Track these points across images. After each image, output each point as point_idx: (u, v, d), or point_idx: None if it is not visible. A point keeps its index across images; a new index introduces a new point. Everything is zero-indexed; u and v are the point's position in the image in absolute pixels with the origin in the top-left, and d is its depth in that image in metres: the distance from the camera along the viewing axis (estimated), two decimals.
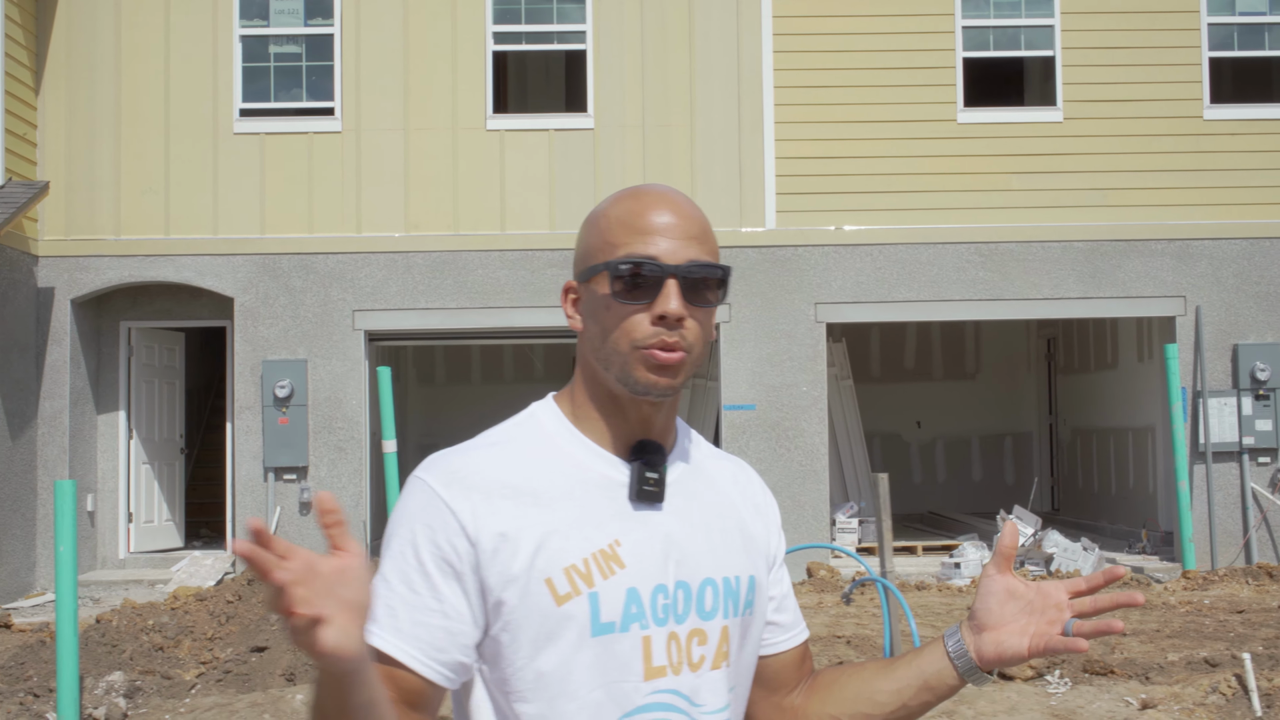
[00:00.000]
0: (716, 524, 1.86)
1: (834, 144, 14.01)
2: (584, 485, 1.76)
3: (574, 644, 1.70)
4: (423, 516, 1.70)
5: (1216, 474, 13.98)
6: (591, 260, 1.79)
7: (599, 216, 1.81)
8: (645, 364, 1.74)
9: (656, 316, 1.73)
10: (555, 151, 14.02)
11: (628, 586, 1.73)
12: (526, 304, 13.90)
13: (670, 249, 1.75)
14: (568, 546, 1.71)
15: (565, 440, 1.79)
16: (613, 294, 1.74)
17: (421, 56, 14.02)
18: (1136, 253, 14.08)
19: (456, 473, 1.72)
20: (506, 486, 1.72)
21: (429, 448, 18.50)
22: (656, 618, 1.75)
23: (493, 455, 1.75)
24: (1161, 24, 14.16)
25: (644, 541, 1.76)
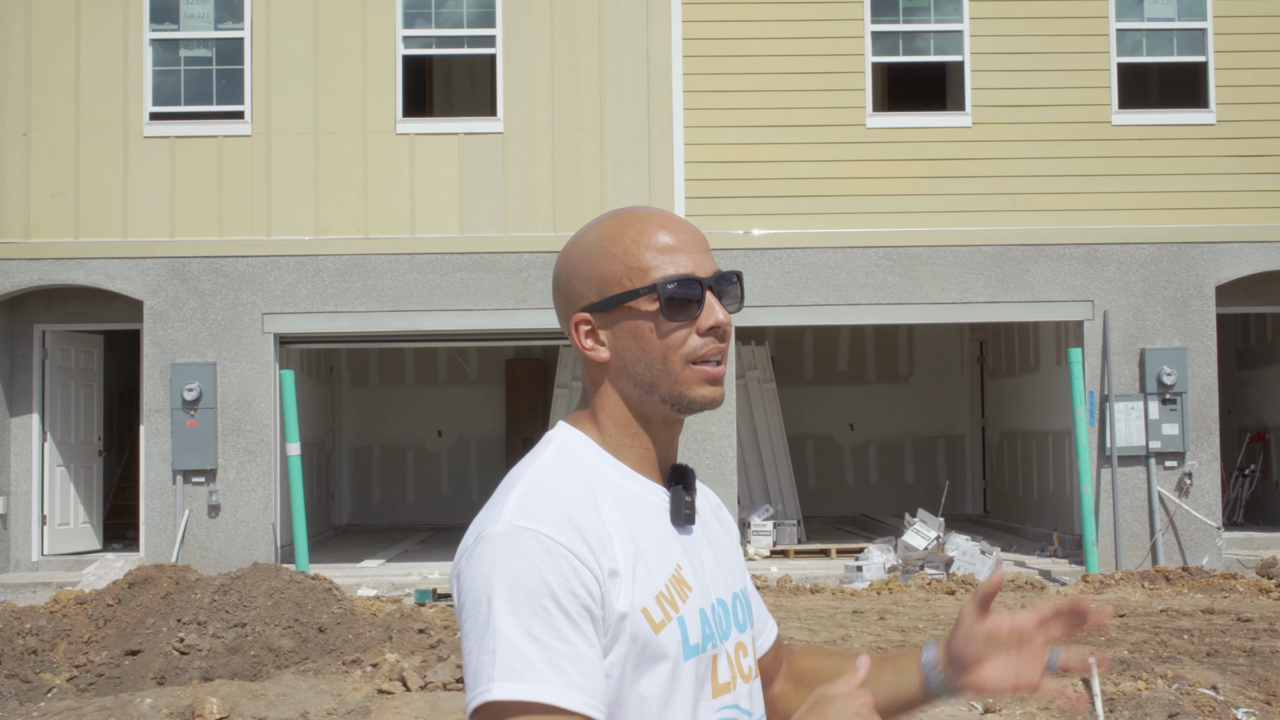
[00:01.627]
0: (721, 541, 1.94)
1: (744, 148, 14.06)
2: (641, 513, 1.79)
3: (671, 668, 1.73)
4: (551, 566, 1.67)
5: (1123, 478, 14.04)
6: (619, 287, 1.80)
7: (605, 243, 1.82)
8: (700, 380, 1.78)
9: (707, 328, 1.78)
10: (465, 155, 14.07)
11: (699, 607, 1.78)
12: (436, 307, 13.95)
13: (698, 262, 1.80)
14: (653, 574, 1.74)
15: (607, 470, 1.81)
16: (664, 314, 1.77)
17: (332, 60, 14.07)
18: (1045, 257, 14.14)
19: (563, 515, 1.71)
20: (593, 522, 1.73)
21: (363, 450, 18.59)
22: (721, 634, 1.82)
23: (570, 494, 1.75)
24: (1070, 30, 14.22)
25: (694, 562, 1.82)
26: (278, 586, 10.28)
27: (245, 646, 9.68)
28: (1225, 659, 9.29)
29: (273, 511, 13.81)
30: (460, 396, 19.45)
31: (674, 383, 1.77)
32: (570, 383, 16.60)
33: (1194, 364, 14.09)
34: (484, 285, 13.96)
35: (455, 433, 19.45)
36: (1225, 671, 8.94)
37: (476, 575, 1.70)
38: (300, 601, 10.15)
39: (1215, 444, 14.17)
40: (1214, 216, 14.14)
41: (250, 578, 10.37)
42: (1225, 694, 8.49)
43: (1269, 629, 10.33)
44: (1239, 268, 14.19)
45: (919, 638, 10.12)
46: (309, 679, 8.93)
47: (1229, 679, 8.79)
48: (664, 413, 1.80)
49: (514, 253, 13.97)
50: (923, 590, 12.38)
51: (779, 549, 14.92)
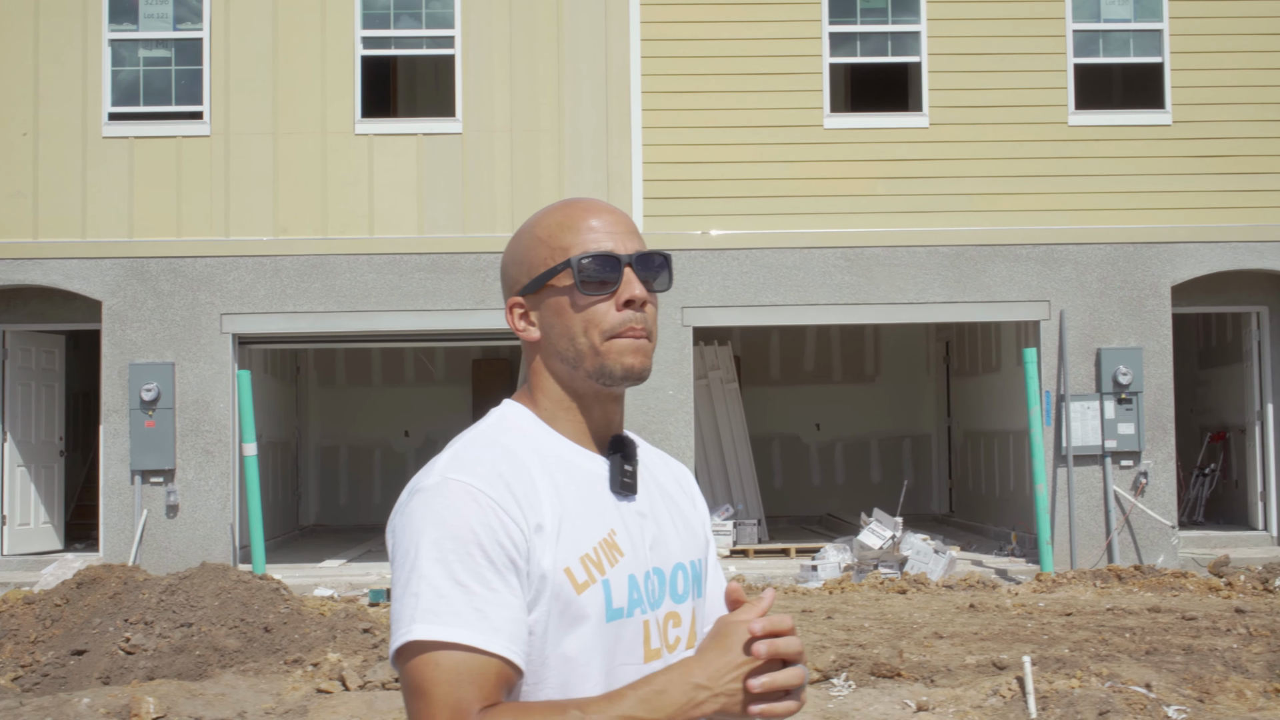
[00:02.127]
0: (673, 511, 1.98)
1: (702, 149, 14.10)
2: (575, 479, 1.85)
3: (593, 630, 1.79)
4: (478, 516, 1.73)
5: (1080, 477, 14.10)
6: (541, 268, 1.88)
7: (534, 229, 1.91)
8: (619, 351, 1.85)
9: (623, 302, 1.84)
10: (424, 155, 14.10)
11: (629, 573, 1.83)
12: (394, 308, 13.97)
13: (619, 242, 1.86)
14: (579, 537, 1.80)
15: (545, 438, 1.87)
16: (578, 287, 1.84)
17: (291, 61, 14.09)
18: (1001, 257, 14.20)
19: (493, 470, 1.77)
20: (524, 480, 1.78)
21: (330, 450, 18.60)
22: (652, 602, 1.87)
23: (502, 453, 1.81)
24: (1027, 30, 14.28)
25: (631, 530, 1.87)
26: (225, 586, 10.31)
27: (191, 646, 9.71)
28: (1163, 657, 9.35)
29: (231, 511, 13.83)
30: (427, 396, 19.48)
31: (595, 355, 1.84)
32: None
33: (1150, 364, 14.15)
34: (443, 285, 13.99)
35: (422, 433, 19.47)
36: (1161, 670, 9.00)
37: (407, 525, 1.76)
38: (247, 601, 10.17)
39: (1171, 443, 14.24)
40: (1170, 217, 14.21)
41: (198, 578, 10.40)
42: (1159, 692, 8.55)
43: (1211, 627, 10.40)
44: (1195, 268, 14.26)
45: (864, 637, 10.18)
46: (249, 678, 8.96)
47: (1164, 677, 8.85)
48: (593, 387, 1.87)
49: (473, 253, 14.01)
50: (874, 590, 12.43)
51: (739, 549, 14.97)
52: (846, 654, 9.41)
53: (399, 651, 1.72)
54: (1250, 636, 9.99)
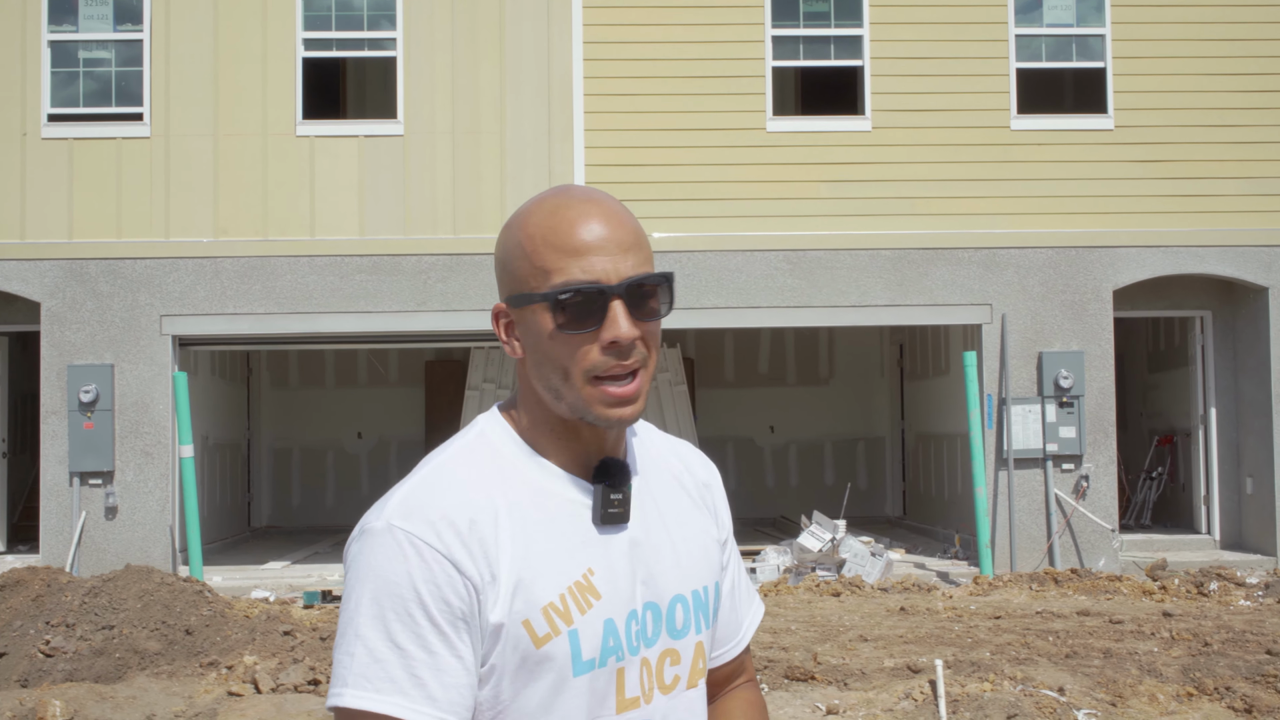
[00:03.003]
0: (679, 533, 1.79)
1: (644, 152, 14.10)
2: (550, 513, 1.67)
3: (555, 683, 1.64)
4: (423, 572, 1.58)
5: (1021, 480, 14.13)
6: (522, 287, 1.68)
7: (521, 235, 1.69)
8: (602, 400, 1.65)
9: (607, 343, 1.64)
10: (365, 157, 14.07)
11: (605, 618, 1.67)
12: (336, 309, 13.94)
13: (608, 267, 1.64)
14: (544, 584, 1.63)
15: (524, 464, 1.70)
16: (556, 327, 1.64)
17: (232, 63, 14.05)
18: (944, 261, 14.22)
19: (442, 517, 1.61)
20: (485, 523, 1.62)
21: (283, 451, 18.55)
22: (631, 646, 1.70)
23: (462, 492, 1.64)
24: (970, 35, 14.31)
25: (614, 566, 1.69)
26: (148, 589, 10.26)
27: (111, 649, 9.67)
28: (1082, 661, 9.37)
29: (170, 513, 13.78)
30: (380, 398, 19.44)
31: (574, 395, 1.66)
32: (482, 384, 16.61)
33: (1091, 367, 14.18)
34: (384, 287, 13.97)
35: (375, 434, 19.43)
36: (1077, 673, 9.02)
37: (351, 571, 1.64)
38: (169, 604, 10.13)
39: (1112, 447, 14.27)
40: (1112, 221, 14.25)
41: (121, 580, 10.35)
42: (1072, 695, 8.57)
43: (1136, 631, 10.42)
44: (1136, 272, 14.30)
45: (789, 639, 10.17)
46: (162, 681, 8.93)
47: (1079, 680, 8.87)
48: (572, 419, 1.70)
49: (414, 255, 13.98)
50: (809, 592, 12.44)
51: None
52: (767, 657, 9.41)
53: (333, 710, 1.61)
54: (1173, 640, 10.01)
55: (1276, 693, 8.63)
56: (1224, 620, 10.86)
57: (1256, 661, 9.27)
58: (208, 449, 16.21)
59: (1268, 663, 9.24)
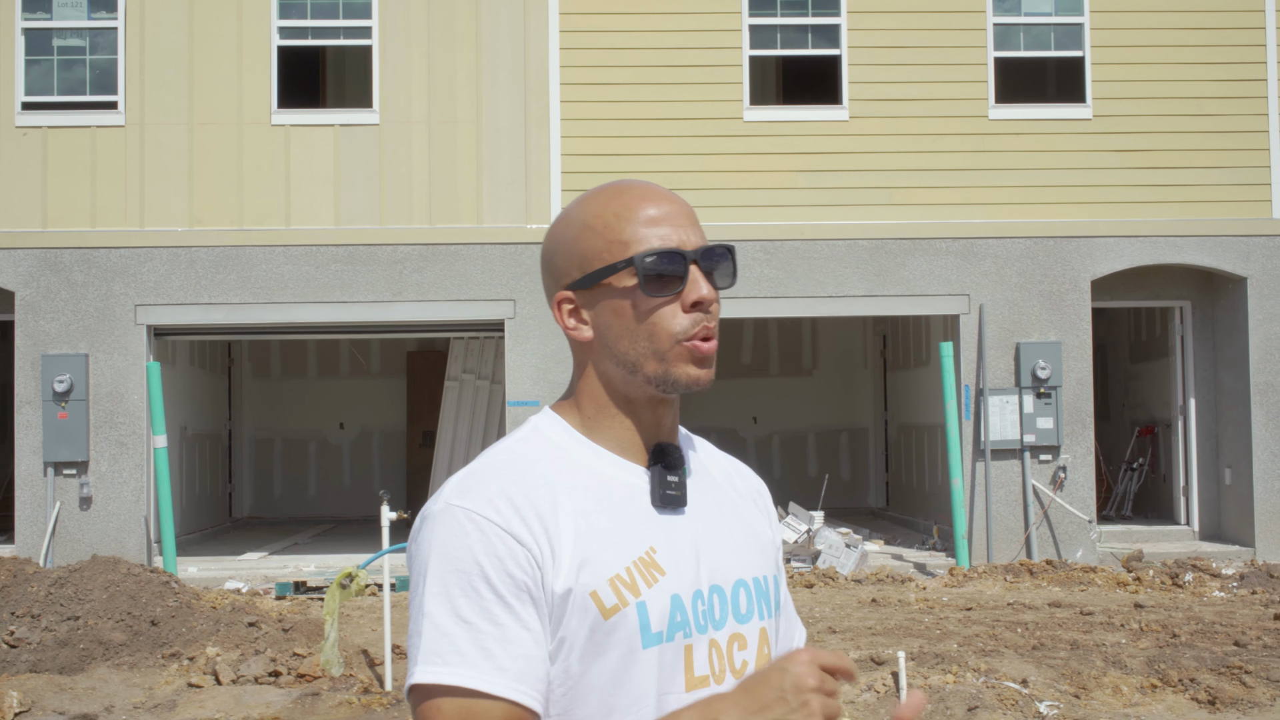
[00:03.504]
0: (735, 524, 1.83)
1: (620, 141, 14.04)
2: (608, 495, 1.71)
3: (624, 656, 1.66)
4: (485, 546, 1.62)
5: (998, 471, 14.10)
6: (599, 262, 1.73)
7: (591, 218, 1.75)
8: (689, 358, 1.71)
9: (691, 304, 1.71)
10: (341, 147, 14.02)
11: (671, 594, 1.69)
12: (310, 299, 13.89)
13: (684, 236, 1.73)
14: (609, 557, 1.67)
15: (578, 451, 1.75)
16: (643, 290, 1.70)
17: (207, 51, 13.98)
18: (921, 251, 14.17)
19: (501, 494, 1.66)
20: (543, 503, 1.66)
21: (264, 442, 18.51)
22: (699, 625, 1.72)
23: (518, 474, 1.69)
24: (947, 24, 14.24)
25: (676, 546, 1.72)
26: (114, 580, 10.23)
27: (76, 640, 9.63)
28: (1048, 652, 9.34)
29: (145, 504, 13.74)
30: (362, 389, 19.40)
31: (660, 361, 1.71)
32: (461, 375, 16.57)
33: (1069, 358, 14.14)
34: (359, 277, 13.92)
35: (357, 425, 19.39)
36: (1042, 665, 8.99)
37: (415, 555, 1.67)
38: (135, 595, 10.10)
39: (1090, 437, 14.24)
40: (1090, 211, 14.20)
41: (88, 571, 10.32)
42: (1036, 687, 8.54)
43: (1105, 622, 10.39)
44: (1114, 262, 14.26)
45: None
46: (123, 672, 8.90)
47: (1044, 672, 8.84)
48: (649, 393, 1.74)
49: (390, 245, 13.93)
50: None
51: None
52: None
53: (410, 692, 1.64)
54: (1141, 632, 9.98)
55: (1241, 685, 8.61)
56: (1195, 612, 10.84)
57: (1223, 653, 9.25)
58: (186, 439, 16.17)
59: (1234, 654, 9.22)
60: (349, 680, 8.59)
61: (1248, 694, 8.48)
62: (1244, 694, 8.47)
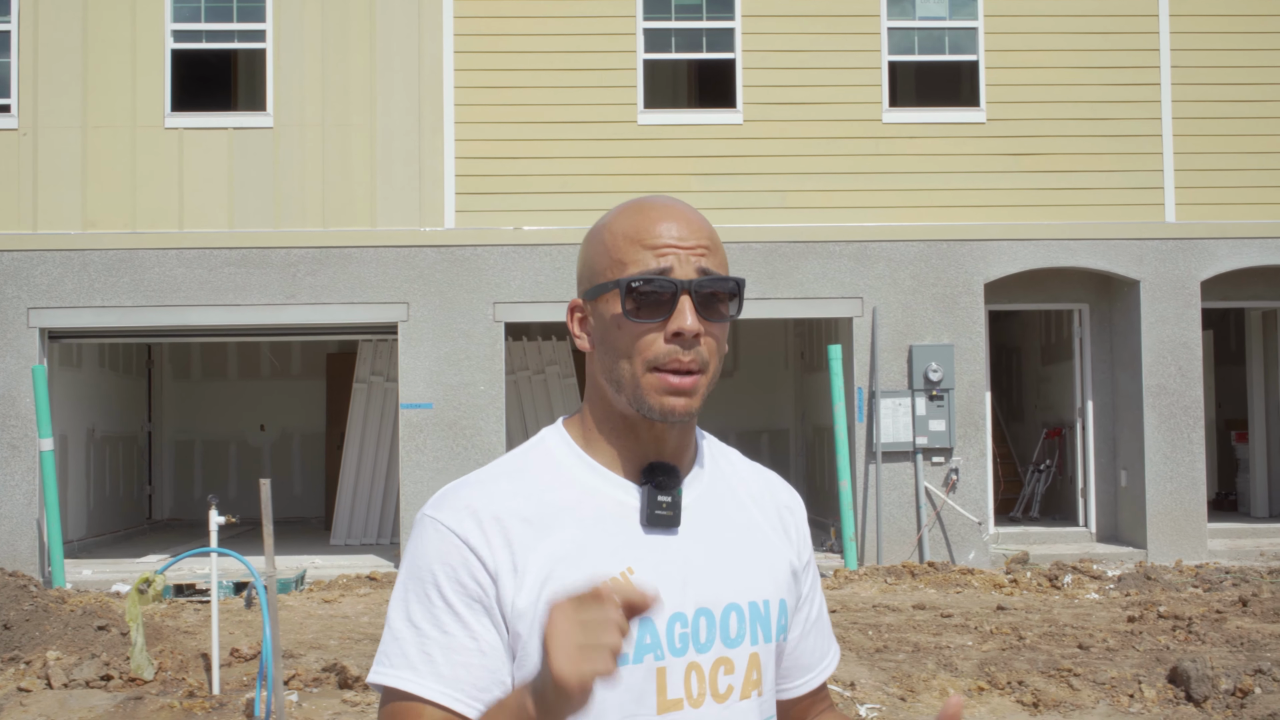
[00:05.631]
0: (741, 545, 1.80)
1: (515, 144, 14.08)
2: (594, 512, 1.71)
3: None
4: (440, 555, 1.66)
5: (891, 473, 14.15)
6: (599, 278, 1.75)
7: (603, 231, 1.78)
8: (660, 388, 1.70)
9: (671, 334, 1.70)
10: (235, 150, 14.04)
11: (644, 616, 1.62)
12: (204, 302, 13.92)
13: (683, 262, 1.72)
14: (577, 577, 1.66)
15: (575, 466, 1.75)
16: (624, 312, 1.71)
17: (100, 54, 14.01)
18: (815, 254, 14.22)
19: (466, 507, 1.68)
20: (515, 517, 1.68)
21: (185, 444, 18.52)
22: (674, 648, 1.70)
23: (501, 487, 1.71)
24: (842, 28, 14.29)
25: (659, 568, 1.71)
26: None
27: None
28: (889, 655, 9.39)
29: (37, 507, 13.76)
30: (283, 391, 19.42)
31: (634, 385, 1.71)
32: (369, 377, 16.60)
33: (962, 360, 14.20)
34: (252, 280, 13.95)
35: (278, 427, 19.42)
36: (876, 668, 9.04)
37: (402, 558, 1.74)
38: None
39: (984, 440, 14.30)
40: (983, 214, 14.26)
41: None
42: (864, 689, 8.60)
43: (961, 625, 10.44)
44: (1008, 265, 14.32)
45: None
46: None
47: (876, 674, 8.90)
48: (633, 413, 1.74)
49: (283, 248, 13.96)
50: None
51: None
52: None
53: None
54: (990, 635, 10.03)
55: (1068, 687, 8.67)
56: (1054, 614, 10.90)
57: (1063, 655, 9.30)
58: (94, 441, 16.19)
59: (1073, 657, 9.28)
60: (179, 683, 8.62)
61: (1073, 696, 8.54)
62: (1069, 696, 8.53)
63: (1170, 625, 10.19)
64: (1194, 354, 14.34)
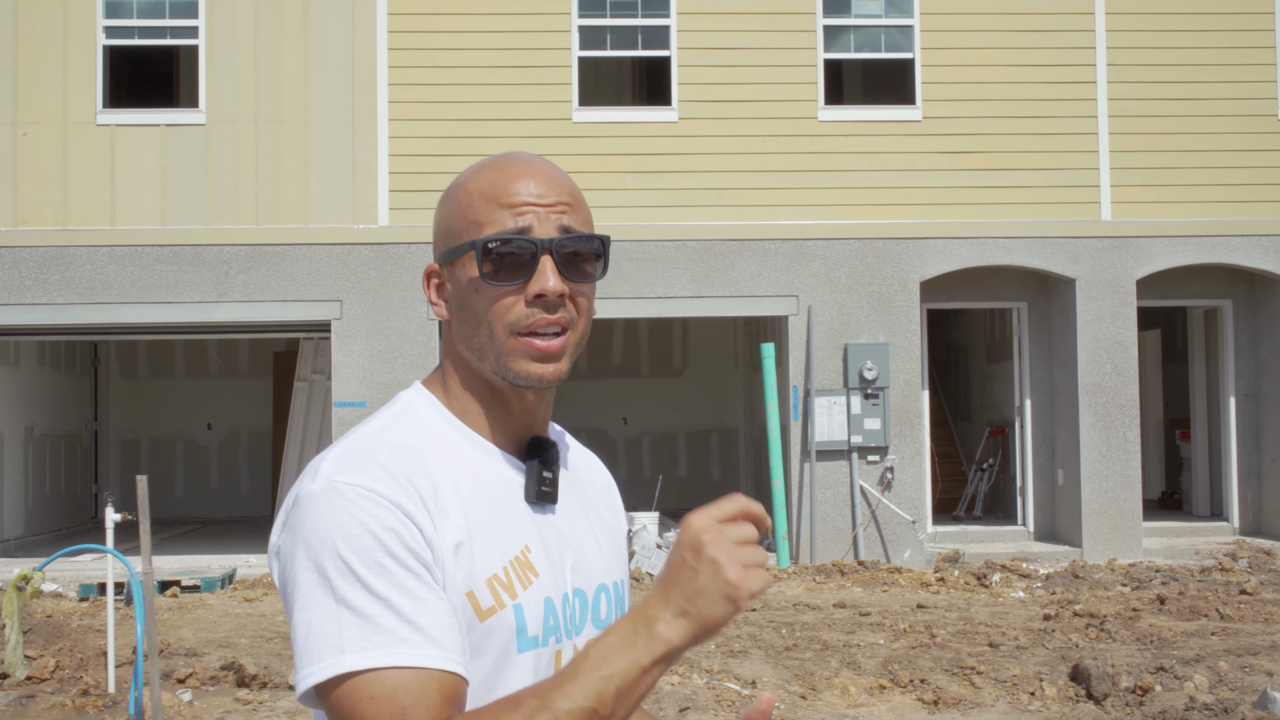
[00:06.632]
0: (597, 525, 1.75)
1: (449, 142, 14.03)
2: (485, 486, 1.61)
3: (498, 660, 1.56)
4: (380, 520, 1.48)
5: (826, 472, 14.13)
6: (454, 240, 1.64)
7: (457, 190, 1.67)
8: (525, 353, 1.61)
9: (533, 296, 1.60)
10: (167, 146, 13.97)
11: (544, 596, 1.61)
12: (135, 299, 13.85)
13: (542, 221, 1.61)
14: (488, 555, 1.56)
15: (454, 437, 1.64)
16: (482, 275, 1.60)
17: (32, 50, 13.93)
18: (750, 252, 14.19)
19: (384, 472, 1.52)
20: (421, 484, 1.54)
21: (131, 442, 18.43)
22: (567, 629, 1.64)
23: (394, 453, 1.55)
24: (777, 25, 14.27)
25: (548, 546, 1.64)
26: None
27: None
28: (796, 653, 9.37)
29: None
30: (230, 389, 19.35)
31: (498, 353, 1.61)
32: (311, 376, 16.54)
33: (897, 358, 14.18)
34: (185, 278, 13.88)
35: (225, 426, 19.34)
36: (780, 666, 9.02)
37: (298, 541, 1.50)
38: None
39: (920, 438, 14.28)
40: (919, 212, 14.24)
41: None
42: (766, 687, 8.56)
43: (876, 624, 10.42)
44: (943, 263, 14.30)
45: None
46: None
47: (779, 673, 8.87)
48: (496, 382, 1.64)
49: (216, 245, 13.90)
50: None
51: None
52: None
53: (327, 685, 1.46)
54: (903, 633, 10.01)
55: (970, 685, 8.65)
56: (971, 613, 10.88)
57: (969, 653, 9.29)
58: (34, 439, 16.11)
59: (980, 655, 9.26)
60: (76, 681, 8.57)
61: (974, 694, 8.52)
62: (970, 694, 8.51)
63: (1084, 624, 10.18)
64: (1129, 352, 14.34)
